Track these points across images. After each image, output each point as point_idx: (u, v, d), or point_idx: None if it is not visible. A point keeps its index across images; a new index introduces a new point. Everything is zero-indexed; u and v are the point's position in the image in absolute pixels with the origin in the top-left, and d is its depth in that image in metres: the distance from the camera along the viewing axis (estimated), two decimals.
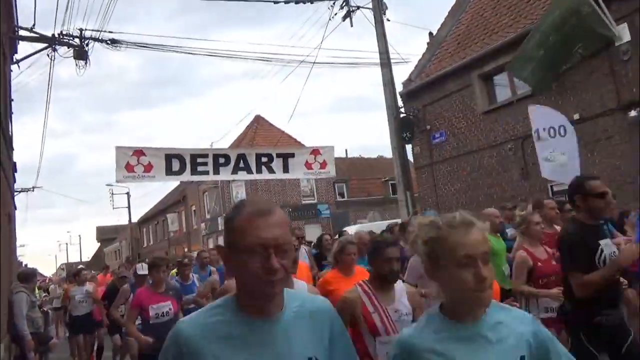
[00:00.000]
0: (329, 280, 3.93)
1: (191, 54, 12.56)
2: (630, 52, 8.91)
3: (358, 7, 13.24)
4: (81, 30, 11.35)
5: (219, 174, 8.79)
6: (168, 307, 4.65)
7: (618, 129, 9.21)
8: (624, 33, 8.91)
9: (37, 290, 11.38)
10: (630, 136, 8.96)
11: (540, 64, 9.62)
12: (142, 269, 5.63)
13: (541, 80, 9.97)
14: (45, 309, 8.28)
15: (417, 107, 13.59)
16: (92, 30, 13.96)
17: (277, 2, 12.47)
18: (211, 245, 28.88)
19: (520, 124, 11.09)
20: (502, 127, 11.51)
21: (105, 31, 11.70)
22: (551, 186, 10.34)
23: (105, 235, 57.19)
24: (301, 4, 12.63)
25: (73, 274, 9.31)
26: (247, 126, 30.53)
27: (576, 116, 9.85)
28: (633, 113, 8.82)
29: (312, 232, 19.47)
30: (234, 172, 8.77)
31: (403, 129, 12.83)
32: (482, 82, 12.17)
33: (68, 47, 11.36)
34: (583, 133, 9.80)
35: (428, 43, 14.87)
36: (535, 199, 6.35)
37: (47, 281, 19.31)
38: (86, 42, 11.27)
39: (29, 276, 7.01)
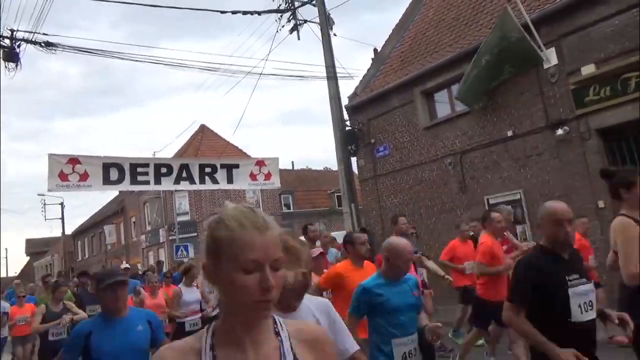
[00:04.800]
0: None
1: (135, 61, 12.24)
2: (557, 75, 9.57)
3: (305, 21, 13.44)
4: (12, 30, 10.75)
5: (160, 184, 8.56)
6: None
7: (547, 146, 9.82)
8: (551, 57, 9.56)
9: None
10: (558, 153, 9.59)
11: (473, 82, 10.35)
12: None
13: (472, 95, 10.69)
14: None
15: (362, 120, 13.86)
16: (25, 31, 13.23)
17: (224, 13, 12.42)
18: (152, 259, 27.80)
19: (459, 140, 11.58)
20: (442, 142, 11.96)
21: (39, 33, 11.16)
22: (487, 199, 10.85)
23: (36, 248, 53.74)
24: (249, 15, 12.63)
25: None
26: (192, 136, 29.90)
27: (509, 133, 10.44)
28: (560, 131, 9.45)
29: None
30: (177, 182, 8.58)
31: (348, 142, 13.05)
32: (424, 99, 12.60)
33: None
34: (515, 149, 10.42)
35: (373, 59, 15.26)
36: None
37: None
38: (17, 43, 10.68)
39: None
